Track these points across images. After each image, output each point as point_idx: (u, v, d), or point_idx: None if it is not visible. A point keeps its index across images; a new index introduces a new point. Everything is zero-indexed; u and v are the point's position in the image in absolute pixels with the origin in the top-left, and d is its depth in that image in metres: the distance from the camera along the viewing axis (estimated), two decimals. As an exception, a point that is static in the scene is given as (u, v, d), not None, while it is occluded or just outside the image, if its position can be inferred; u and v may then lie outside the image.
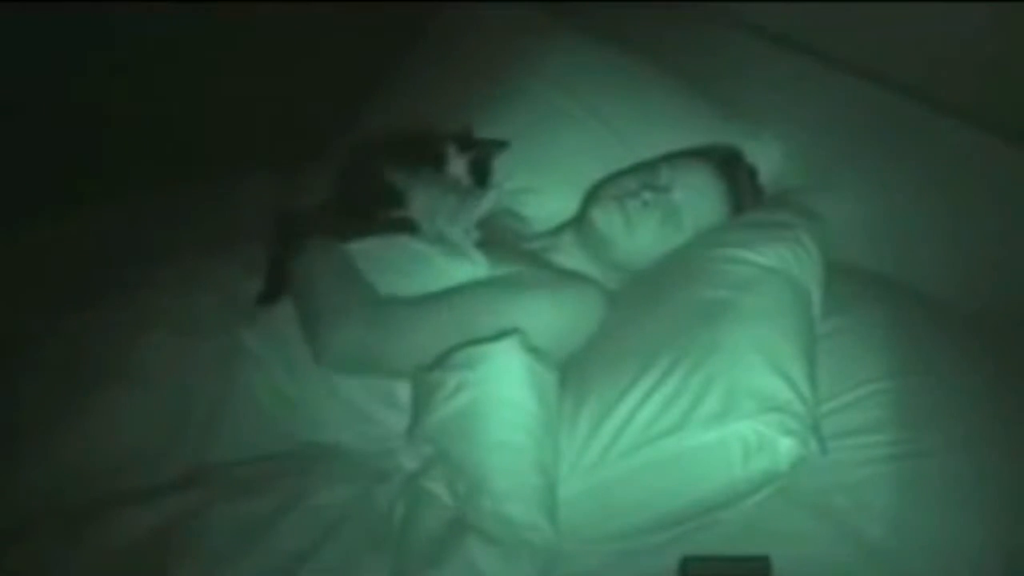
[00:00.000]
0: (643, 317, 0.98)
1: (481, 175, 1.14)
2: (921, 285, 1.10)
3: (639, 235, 1.05)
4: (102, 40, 1.37)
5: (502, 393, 0.84)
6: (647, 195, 1.05)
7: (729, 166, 1.12)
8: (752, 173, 1.15)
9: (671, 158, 1.14)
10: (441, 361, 0.89)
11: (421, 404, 0.88)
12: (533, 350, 0.87)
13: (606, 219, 1.05)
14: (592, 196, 1.11)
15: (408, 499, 0.83)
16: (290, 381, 0.93)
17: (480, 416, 0.83)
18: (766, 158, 1.21)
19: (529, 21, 1.40)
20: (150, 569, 0.76)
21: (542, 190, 1.22)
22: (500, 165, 1.22)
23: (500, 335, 0.88)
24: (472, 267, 1.00)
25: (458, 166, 1.12)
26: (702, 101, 1.26)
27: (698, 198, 1.07)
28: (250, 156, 1.35)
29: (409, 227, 1.05)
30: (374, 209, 1.06)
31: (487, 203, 1.11)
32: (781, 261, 0.98)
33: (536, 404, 0.84)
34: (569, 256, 1.10)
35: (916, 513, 0.86)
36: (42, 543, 0.77)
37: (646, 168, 1.11)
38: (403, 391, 0.93)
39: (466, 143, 1.14)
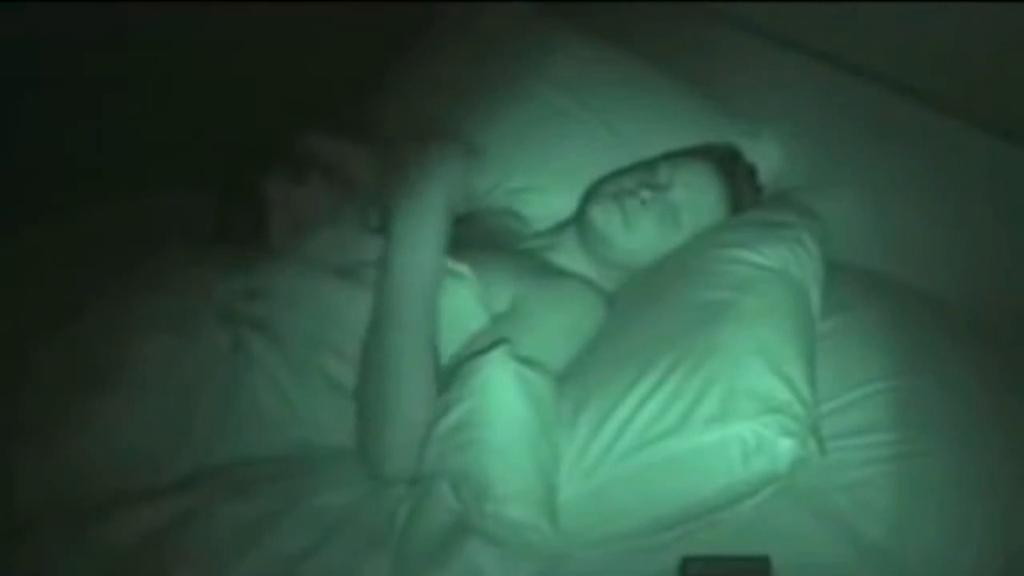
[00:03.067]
0: (642, 319, 0.98)
1: None
2: (921, 285, 1.10)
3: (637, 233, 1.05)
4: (104, 37, 1.37)
5: (494, 402, 0.84)
6: (645, 193, 1.05)
7: (728, 165, 1.12)
8: (751, 172, 1.15)
9: (670, 157, 1.14)
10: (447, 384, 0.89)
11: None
12: (524, 358, 0.88)
13: (605, 218, 1.05)
14: (590, 195, 1.12)
15: (411, 502, 0.83)
16: (293, 382, 0.93)
17: (475, 426, 0.83)
18: (766, 158, 1.22)
19: (530, 21, 1.40)
20: (152, 569, 0.76)
21: (542, 189, 1.22)
22: (500, 164, 1.22)
23: (491, 345, 0.89)
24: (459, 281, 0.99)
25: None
26: (702, 101, 1.26)
27: (697, 196, 1.08)
28: (250, 157, 1.35)
29: None
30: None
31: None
32: (780, 261, 0.97)
33: (528, 409, 0.84)
34: (568, 255, 1.10)
35: (916, 513, 0.86)
36: (44, 543, 0.77)
37: (645, 167, 1.11)
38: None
39: None
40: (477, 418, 0.83)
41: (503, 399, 0.84)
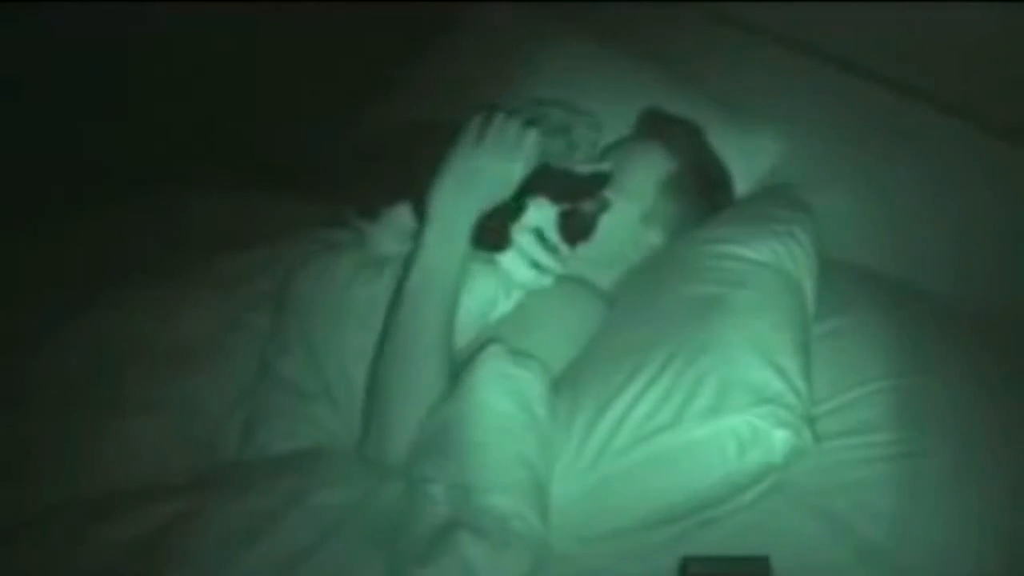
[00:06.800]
0: (637, 317, 0.98)
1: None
2: (921, 284, 1.10)
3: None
4: (116, 37, 1.37)
5: (476, 402, 0.85)
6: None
7: (647, 118, 1.14)
8: (680, 120, 1.15)
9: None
10: None
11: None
12: (512, 355, 0.88)
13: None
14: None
15: (407, 499, 0.83)
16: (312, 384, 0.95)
17: (460, 424, 0.84)
18: (762, 153, 1.22)
19: (531, 23, 1.41)
20: (152, 568, 0.76)
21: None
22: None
23: (483, 345, 0.89)
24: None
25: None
26: (702, 100, 1.26)
27: (626, 157, 1.08)
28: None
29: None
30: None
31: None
32: (774, 256, 0.98)
33: (513, 406, 0.85)
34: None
35: (916, 513, 0.86)
36: (46, 542, 0.77)
37: None
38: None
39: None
40: (460, 420, 0.84)
41: (485, 399, 0.84)
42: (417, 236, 0.92)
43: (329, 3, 1.49)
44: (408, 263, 0.91)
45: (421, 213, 0.99)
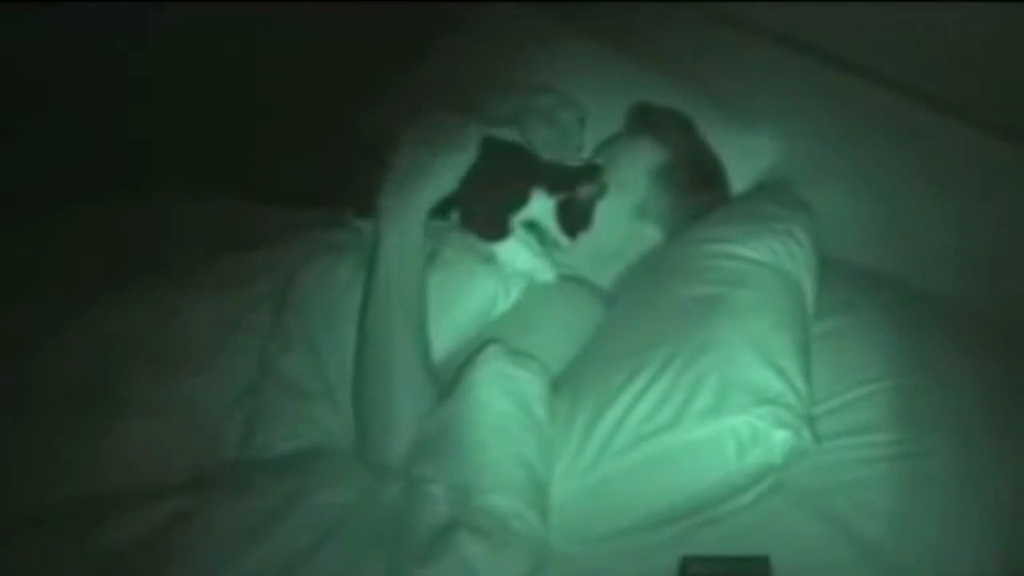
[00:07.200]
0: (636, 317, 0.99)
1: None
2: (921, 284, 1.10)
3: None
4: (118, 39, 1.38)
5: (475, 402, 0.85)
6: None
7: (636, 113, 1.15)
8: (668, 111, 1.15)
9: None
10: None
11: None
12: (512, 356, 0.88)
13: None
14: None
15: (407, 499, 0.83)
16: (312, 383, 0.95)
17: (460, 424, 0.84)
18: (765, 156, 1.22)
19: (531, 23, 1.41)
20: (152, 569, 0.76)
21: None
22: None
23: (482, 345, 0.90)
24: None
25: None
26: (702, 100, 1.26)
27: (617, 152, 1.09)
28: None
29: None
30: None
31: None
32: (773, 255, 0.98)
33: (512, 406, 0.85)
34: (563, 253, 1.10)
35: (916, 513, 0.86)
36: (46, 542, 0.78)
37: None
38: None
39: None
40: (459, 421, 0.84)
41: (484, 399, 0.85)
42: (372, 239, 0.93)
43: (329, 3, 1.49)
44: (368, 266, 0.92)
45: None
